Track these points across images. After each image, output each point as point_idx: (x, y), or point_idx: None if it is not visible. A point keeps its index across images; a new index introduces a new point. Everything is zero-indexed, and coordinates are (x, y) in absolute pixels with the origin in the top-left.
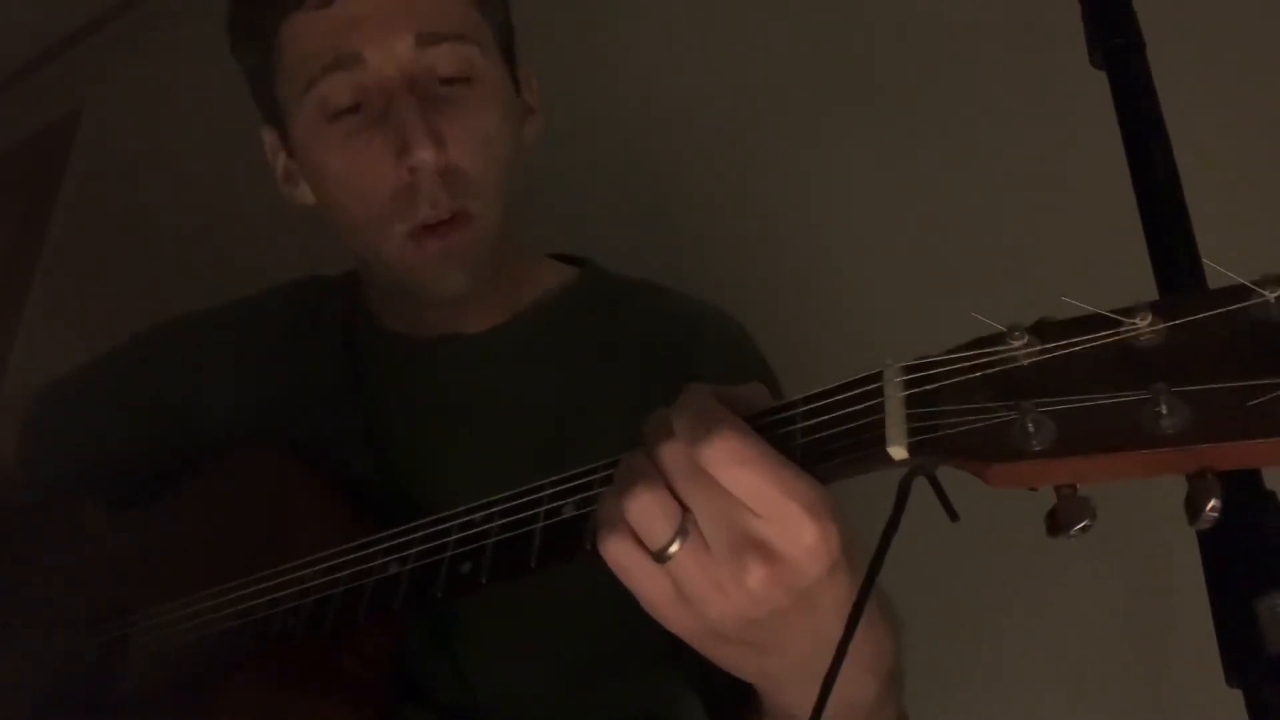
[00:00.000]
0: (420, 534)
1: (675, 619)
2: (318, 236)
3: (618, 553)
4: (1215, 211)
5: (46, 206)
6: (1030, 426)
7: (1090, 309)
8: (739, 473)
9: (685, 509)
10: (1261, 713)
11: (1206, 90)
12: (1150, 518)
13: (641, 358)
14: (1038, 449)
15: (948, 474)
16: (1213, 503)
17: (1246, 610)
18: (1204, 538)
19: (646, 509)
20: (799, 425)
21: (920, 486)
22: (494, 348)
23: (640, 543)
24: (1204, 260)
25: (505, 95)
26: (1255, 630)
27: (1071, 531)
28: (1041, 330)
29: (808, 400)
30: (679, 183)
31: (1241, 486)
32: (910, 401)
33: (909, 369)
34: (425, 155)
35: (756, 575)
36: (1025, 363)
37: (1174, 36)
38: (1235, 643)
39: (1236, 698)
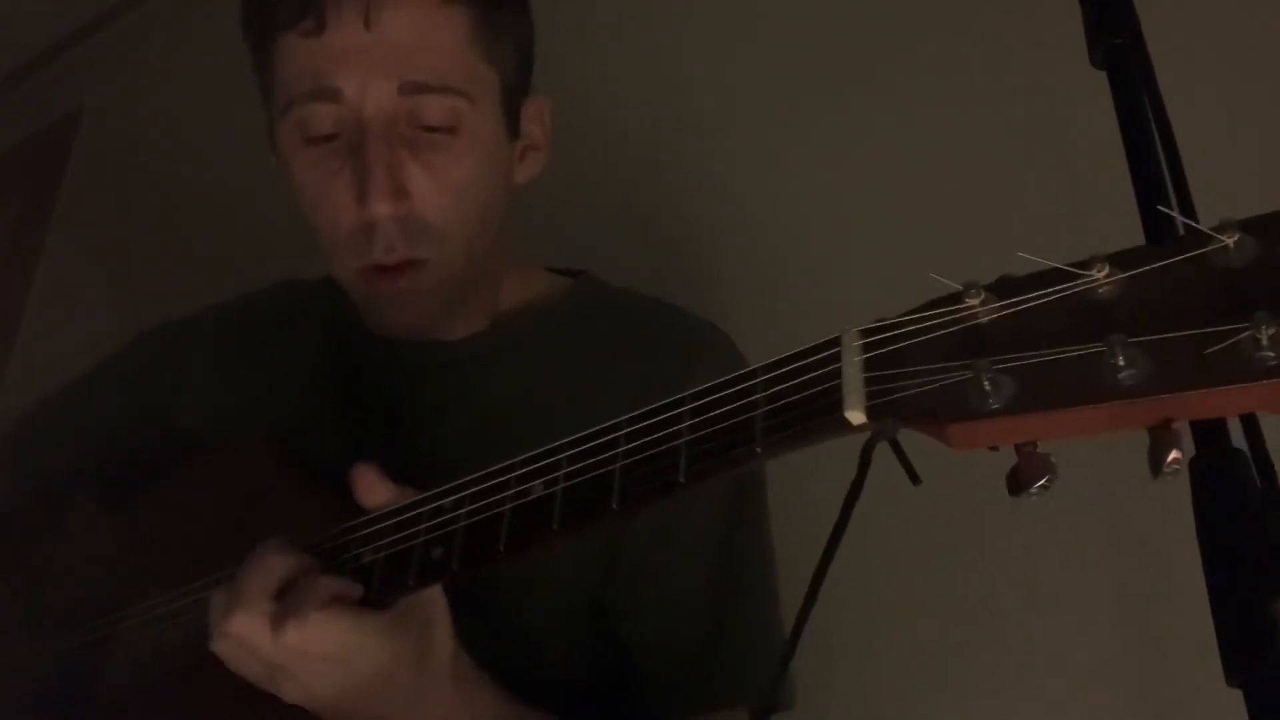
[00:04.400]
0: (392, 521)
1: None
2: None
3: (222, 650)
4: (1217, 211)
5: (46, 206)
6: (988, 385)
7: (1048, 264)
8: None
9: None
10: (1261, 713)
11: (1207, 90)
12: (1150, 517)
13: (636, 370)
14: (996, 407)
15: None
16: (1173, 454)
17: (1249, 611)
18: (1204, 537)
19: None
20: (760, 394)
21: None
22: (471, 354)
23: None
24: (1177, 216)
25: (491, 145)
26: (1267, 631)
27: (1032, 489)
28: (1000, 287)
29: (769, 368)
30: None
31: (1242, 486)
32: (868, 365)
33: (867, 332)
34: (381, 209)
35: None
36: (984, 320)
37: (1174, 36)
38: (1235, 643)
39: (1236, 698)
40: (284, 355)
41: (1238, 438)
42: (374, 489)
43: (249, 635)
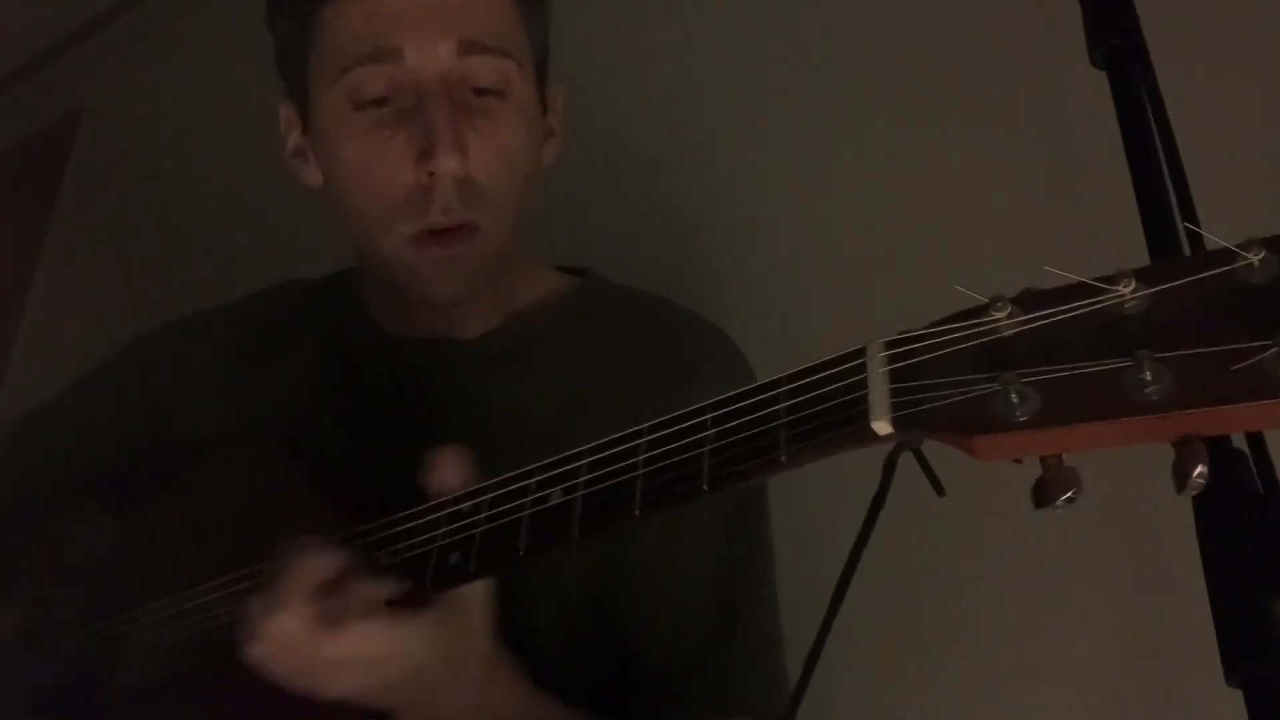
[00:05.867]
0: (407, 526)
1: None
2: (317, 235)
3: (258, 654)
4: (1217, 211)
5: (46, 206)
6: (1014, 397)
7: (1074, 278)
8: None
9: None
10: (1261, 713)
11: (1207, 89)
12: (1150, 517)
13: (641, 369)
14: (1022, 420)
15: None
16: (1199, 469)
17: (1249, 610)
18: (1205, 537)
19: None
20: (784, 404)
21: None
22: (488, 352)
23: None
24: (1202, 232)
25: (533, 115)
26: (1267, 631)
27: (1058, 502)
28: (1025, 301)
29: (792, 378)
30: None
31: (1242, 486)
32: (894, 376)
33: (892, 344)
34: (449, 162)
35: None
36: (1009, 334)
37: (1174, 36)
38: (1235, 643)
39: (1236, 698)
40: (286, 356)
41: (1238, 439)
42: (449, 472)
43: (291, 639)
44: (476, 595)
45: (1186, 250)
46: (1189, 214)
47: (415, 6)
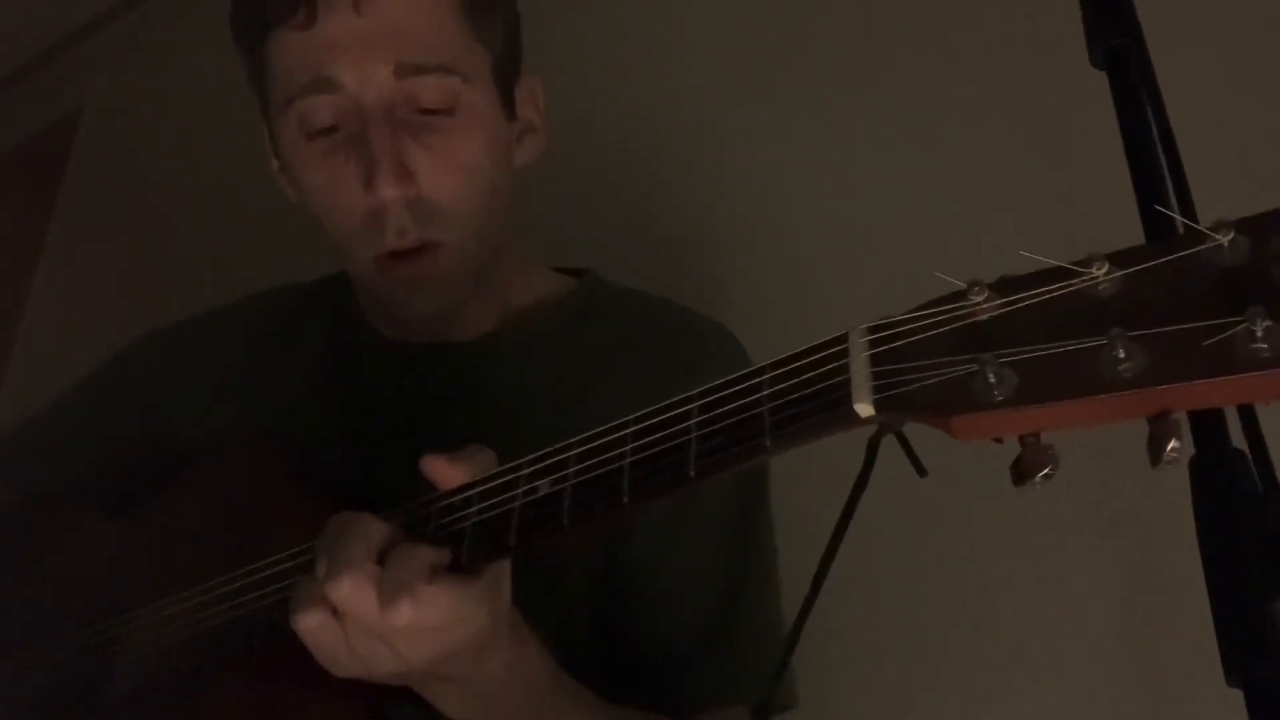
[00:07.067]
0: (401, 521)
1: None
2: (317, 236)
3: (313, 624)
4: (1218, 210)
5: (46, 206)
6: (992, 377)
7: (1050, 262)
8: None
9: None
10: (1261, 713)
11: (1207, 89)
12: (1149, 516)
13: (642, 370)
14: (1000, 399)
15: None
16: (1173, 444)
17: (1249, 610)
18: (1204, 537)
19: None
20: (768, 390)
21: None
22: (483, 355)
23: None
24: (1174, 216)
25: (490, 124)
26: (1265, 632)
27: (1036, 479)
28: (1003, 285)
29: (776, 365)
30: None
31: (1242, 485)
32: (875, 360)
33: (873, 329)
34: (388, 191)
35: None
36: (986, 317)
37: (1174, 36)
38: (1235, 643)
39: (1236, 698)
40: (284, 359)
41: (1238, 438)
42: (449, 470)
43: (360, 604)
44: (503, 563)
45: None
46: (1188, 213)
47: (347, 34)
